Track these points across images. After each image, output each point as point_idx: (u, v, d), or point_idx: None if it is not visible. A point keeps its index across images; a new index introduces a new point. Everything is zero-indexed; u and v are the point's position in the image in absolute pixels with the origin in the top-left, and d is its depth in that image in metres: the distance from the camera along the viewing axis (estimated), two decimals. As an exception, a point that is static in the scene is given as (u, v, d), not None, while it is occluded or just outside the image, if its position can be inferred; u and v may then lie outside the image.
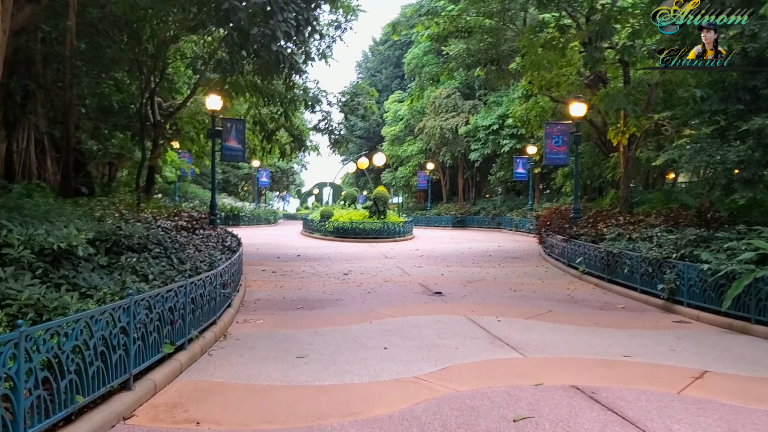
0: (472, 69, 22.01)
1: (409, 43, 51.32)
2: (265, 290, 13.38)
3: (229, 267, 10.27)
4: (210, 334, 8.09)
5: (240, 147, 18.62)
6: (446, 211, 46.15)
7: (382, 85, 59.29)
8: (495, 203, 44.01)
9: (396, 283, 14.70)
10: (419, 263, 19.18)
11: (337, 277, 15.63)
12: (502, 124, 38.71)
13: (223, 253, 11.78)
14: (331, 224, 29.99)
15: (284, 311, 10.95)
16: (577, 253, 16.62)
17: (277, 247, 24.36)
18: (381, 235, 29.07)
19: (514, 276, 16.53)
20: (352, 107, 21.04)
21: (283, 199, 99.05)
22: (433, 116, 44.58)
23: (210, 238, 12.90)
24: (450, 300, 12.36)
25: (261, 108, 21.83)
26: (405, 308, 11.28)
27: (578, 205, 19.86)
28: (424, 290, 13.62)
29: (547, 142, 19.52)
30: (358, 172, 61.04)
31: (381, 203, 30.49)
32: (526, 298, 12.74)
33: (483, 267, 18.52)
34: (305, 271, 16.92)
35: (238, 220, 40.74)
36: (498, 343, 8.40)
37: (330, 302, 11.94)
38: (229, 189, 56.60)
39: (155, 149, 21.59)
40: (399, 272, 16.89)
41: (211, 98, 17.90)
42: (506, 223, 38.80)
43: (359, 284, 14.41)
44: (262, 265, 18.18)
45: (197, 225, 13.34)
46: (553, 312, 11.17)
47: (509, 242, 29.11)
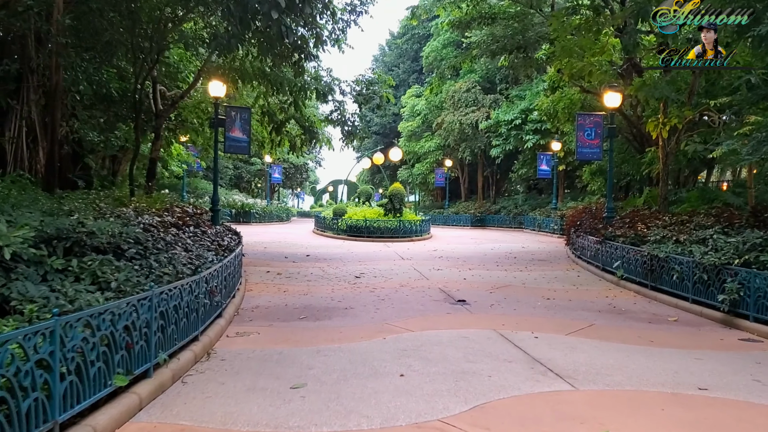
0: (496, 56, 20.42)
1: (428, 36, 49.78)
2: (267, 295, 11.92)
3: (220, 271, 8.82)
4: (188, 355, 6.63)
5: (245, 138, 17.19)
6: (465, 210, 44.49)
7: (400, 80, 57.70)
8: (516, 202, 42.27)
9: (413, 288, 13.19)
10: (438, 265, 17.66)
11: (347, 281, 14.15)
12: (525, 118, 36.98)
13: (217, 253, 10.35)
14: (343, 222, 28.49)
15: (285, 322, 9.48)
16: (614, 256, 15.01)
17: (286, 246, 22.94)
18: (396, 235, 27.53)
19: (544, 281, 14.96)
20: (366, 97, 19.53)
21: (298, 197, 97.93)
22: (451, 111, 42.92)
23: (205, 236, 11.47)
24: (476, 310, 10.84)
25: (270, 97, 20.39)
26: (424, 320, 9.77)
27: (612, 203, 18.20)
28: (445, 297, 12.09)
29: (578, 135, 17.91)
30: (374, 168, 59.52)
31: (397, 200, 28.95)
32: (563, 308, 11.19)
33: (508, 270, 16.95)
34: (313, 273, 15.46)
35: (248, 217, 39.44)
36: (539, 369, 6.87)
37: (338, 311, 10.46)
38: (241, 185, 55.39)
39: (157, 141, 20.25)
40: (416, 275, 15.38)
41: (213, 84, 16.48)
42: (528, 222, 37.08)
43: (372, 289, 12.91)
44: (268, 265, 16.76)
45: (191, 221, 11.92)
46: (597, 326, 9.63)
47: (533, 243, 27.47)
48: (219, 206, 16.79)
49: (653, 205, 20.38)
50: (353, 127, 19.86)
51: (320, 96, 19.57)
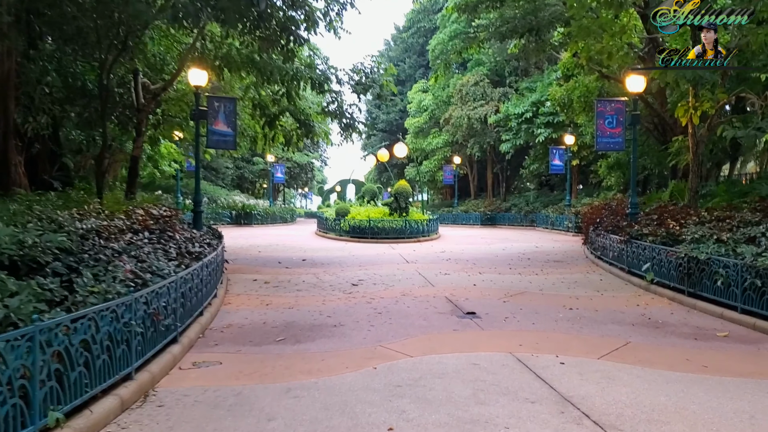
0: (506, 40, 18.72)
1: (434, 29, 48.14)
2: (245, 310, 10.33)
3: (174, 287, 7.22)
4: (108, 404, 5.04)
5: (230, 131, 15.57)
6: (474, 208, 42.71)
7: (406, 75, 56.09)
8: (527, 199, 40.47)
9: (416, 297, 11.55)
10: (446, 269, 16.01)
11: (343, 290, 12.54)
12: (536, 111, 35.21)
13: (180, 263, 8.75)
14: (346, 223, 26.83)
15: (258, 346, 7.88)
16: (643, 257, 13.33)
17: (282, 250, 21.35)
18: (402, 235, 25.86)
19: (564, 286, 13.30)
20: (365, 86, 17.89)
21: (306, 197, 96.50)
22: (459, 105, 41.19)
23: (171, 243, 9.88)
24: (488, 324, 9.21)
25: (260, 88, 18.82)
26: (427, 340, 8.16)
27: (636, 198, 16.49)
28: (452, 309, 10.45)
29: (598, 124, 16.20)
30: (381, 167, 57.86)
31: (402, 199, 27.28)
32: (589, 321, 9.55)
33: (523, 274, 15.29)
34: (306, 280, 13.85)
35: (250, 218, 37.87)
36: (572, 413, 5.25)
37: (325, 329, 8.85)
38: (244, 186, 53.85)
39: (138, 137, 18.76)
40: (421, 282, 13.75)
41: (194, 72, 14.91)
42: (541, 220, 35.30)
43: (369, 300, 11.28)
44: (257, 272, 15.18)
45: (156, 225, 10.34)
46: (634, 344, 8.01)
47: (547, 242, 25.74)
48: (202, 207, 15.21)
49: (679, 199, 18.67)
50: (351, 119, 18.20)
51: (315, 86, 17.95)
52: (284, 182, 53.97)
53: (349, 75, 18.25)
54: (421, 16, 54.66)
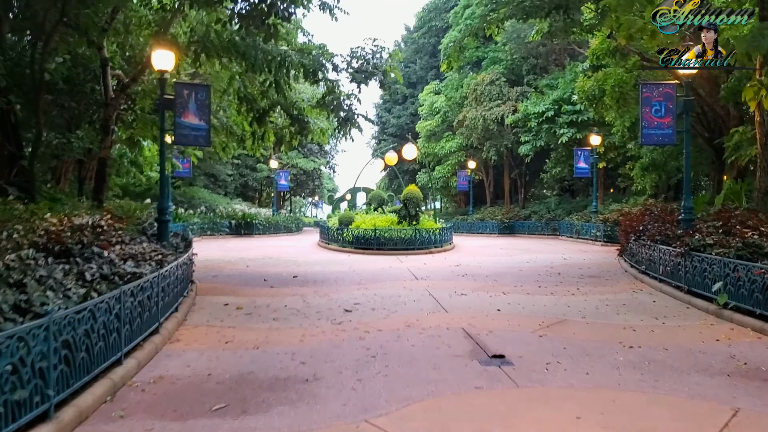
0: (530, 17, 16.09)
1: (446, 28, 45.58)
2: (194, 351, 7.69)
3: (34, 337, 4.60)
4: None
5: (202, 124, 12.90)
6: (491, 216, 39.82)
7: (417, 77, 53.46)
8: (548, 206, 37.51)
9: (424, 330, 8.86)
10: (462, 288, 13.29)
11: (332, 318, 9.87)
12: (558, 110, 32.37)
13: (86, 297, 6.12)
14: (349, 233, 24.06)
15: (181, 420, 5.24)
16: (709, 274, 10.60)
17: (274, 264, 18.70)
18: (412, 246, 23.08)
19: (611, 311, 10.59)
20: (367, 73, 15.27)
21: (316, 206, 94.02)
22: (474, 106, 38.44)
23: (92, 262, 7.30)
24: (524, 375, 6.54)
25: (245, 78, 16.27)
26: (436, 408, 5.51)
27: (691, 202, 13.70)
28: (472, 349, 7.75)
29: (643, 112, 13.47)
30: (391, 174, 55.17)
31: (412, 205, 24.50)
32: (663, 368, 6.89)
33: (556, 294, 12.56)
34: (289, 305, 11.19)
35: (250, 228, 35.28)
36: None
37: (292, 387, 6.19)
38: (247, 194, 51.31)
39: (106, 136, 16.29)
40: (431, 306, 11.05)
41: (158, 54, 12.37)
42: (565, 228, 32.39)
43: (362, 334, 8.61)
44: (234, 293, 12.56)
45: (74, 240, 7.73)
46: (747, 414, 5.35)
47: (575, 253, 22.94)
48: (168, 215, 12.60)
49: (738, 202, 15.87)
50: (350, 111, 15.54)
51: (308, 74, 15.37)
52: (289, 189, 51.32)
53: (347, 61, 15.64)
54: (433, 15, 52.06)
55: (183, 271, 10.51)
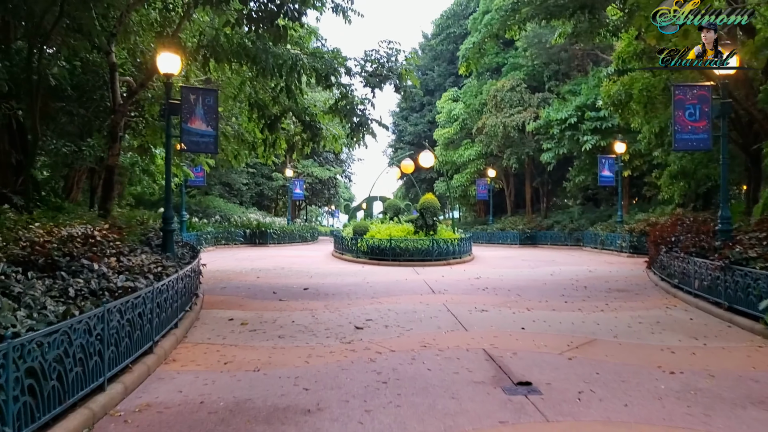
0: (553, 17, 15.33)
1: (464, 35, 44.83)
2: (190, 373, 7.03)
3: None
4: None
5: (209, 130, 12.28)
6: (512, 226, 38.88)
7: (435, 84, 52.73)
8: (572, 215, 36.47)
9: (442, 351, 8.11)
10: (482, 303, 12.52)
11: (341, 336, 9.16)
12: (581, 116, 31.43)
13: (65, 315, 5.49)
14: (364, 243, 23.33)
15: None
16: (755, 290, 9.75)
17: (286, 275, 18.05)
18: (429, 257, 22.29)
19: (645, 330, 9.79)
20: (381, 77, 14.60)
21: (332, 215, 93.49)
22: (494, 113, 37.61)
23: (80, 275, 6.70)
24: (554, 407, 5.79)
25: (256, 83, 15.69)
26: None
27: (728, 211, 12.81)
28: (494, 374, 7.00)
29: (676, 115, 12.63)
30: (408, 182, 54.41)
31: (429, 215, 23.72)
32: (713, 399, 6.12)
33: (584, 310, 11.75)
34: (297, 320, 10.51)
35: (265, 238, 34.72)
36: None
37: (291, 420, 5.49)
38: (263, 203, 50.82)
39: (114, 143, 15.75)
40: (449, 323, 10.30)
41: (164, 57, 11.82)
42: (589, 239, 31.39)
43: (373, 355, 7.89)
44: (241, 306, 11.92)
45: (63, 252, 7.11)
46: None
47: (600, 265, 22.03)
48: (174, 224, 12.01)
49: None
50: (363, 116, 14.85)
51: (320, 79, 14.75)
52: (304, 198, 50.74)
53: (360, 64, 14.99)
54: (451, 22, 51.37)
55: (186, 284, 9.88)
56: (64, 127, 17.63)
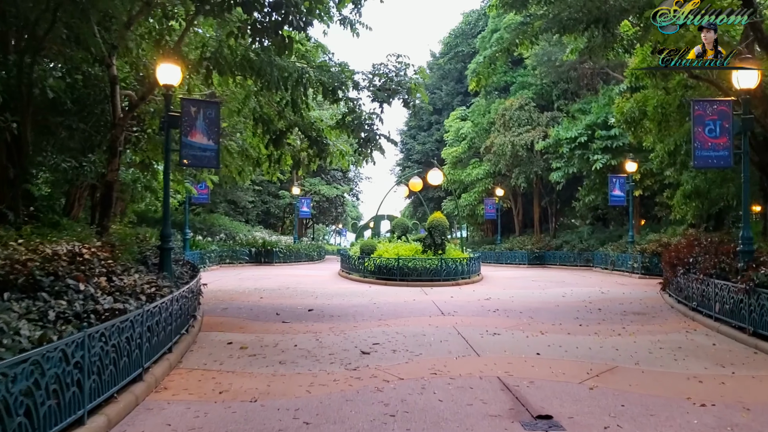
0: (566, 31, 14.90)
1: (473, 53, 44.69)
2: (181, 403, 6.51)
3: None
4: None
5: (211, 144, 11.81)
6: (520, 245, 38.28)
7: (443, 103, 52.44)
8: (581, 235, 35.85)
9: (453, 380, 7.55)
10: (494, 325, 11.96)
11: (346, 362, 8.61)
12: (591, 135, 30.95)
13: (47, 335, 4.99)
14: (371, 262, 22.80)
15: None
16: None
17: (290, 295, 17.53)
18: (437, 277, 21.73)
19: (668, 356, 9.22)
20: (389, 91, 14.17)
21: (340, 234, 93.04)
22: (502, 132, 37.18)
23: (62, 298, 6.21)
24: (581, 451, 5.21)
25: (261, 97, 15.29)
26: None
27: (750, 231, 12.24)
28: (511, 406, 6.45)
29: (696, 132, 12.13)
30: (416, 201, 53.93)
31: (438, 233, 23.20)
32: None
33: (600, 334, 11.18)
34: (299, 344, 9.97)
35: (271, 256, 34.22)
36: None
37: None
38: (269, 222, 50.35)
39: (113, 158, 15.32)
40: (460, 347, 9.74)
41: (163, 68, 11.43)
42: (599, 259, 30.77)
43: (380, 384, 7.34)
44: (242, 328, 11.41)
45: (45, 271, 6.62)
46: None
47: (612, 286, 21.43)
48: (171, 243, 11.53)
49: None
50: (371, 131, 14.40)
51: (327, 92, 14.34)
52: (311, 217, 50.27)
53: (368, 78, 14.58)
54: (459, 41, 51.18)
55: (181, 306, 9.38)
56: (63, 142, 17.29)
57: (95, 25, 12.58)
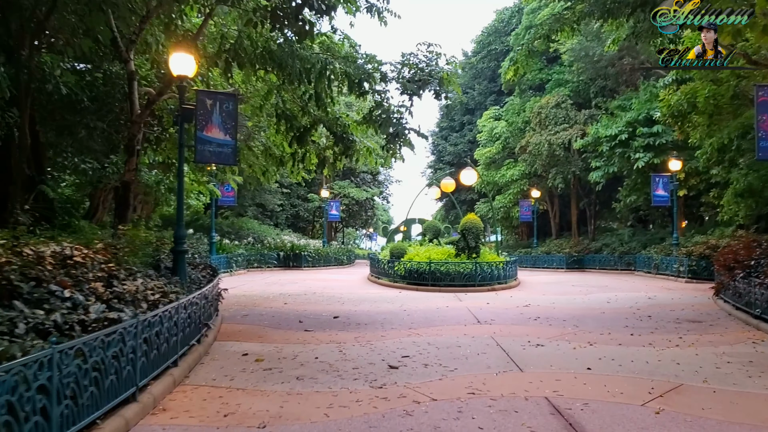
0: (610, 16, 13.76)
1: (506, 51, 43.49)
2: (178, 428, 5.60)
3: None
4: None
5: (228, 139, 10.96)
6: (557, 249, 36.88)
7: (475, 103, 51.27)
8: (622, 238, 34.31)
9: (494, 402, 6.52)
10: (536, 335, 10.87)
11: (371, 378, 7.64)
12: (632, 132, 29.49)
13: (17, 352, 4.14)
14: (401, 266, 21.77)
15: None
16: None
17: (315, 301, 16.63)
18: (472, 282, 20.60)
19: (739, 372, 8.05)
20: (420, 82, 13.19)
21: (371, 238, 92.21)
22: (538, 131, 35.89)
23: (43, 304, 5.36)
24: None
25: (285, 93, 14.45)
26: None
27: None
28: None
29: (759, 120, 10.95)
30: (448, 204, 52.82)
31: (471, 236, 22.06)
32: None
33: (656, 345, 10.02)
34: (321, 356, 9.03)
35: (299, 260, 33.42)
36: None
37: None
38: (299, 225, 49.65)
39: (131, 157, 14.65)
40: (500, 362, 8.68)
41: (176, 57, 10.64)
42: (642, 263, 29.30)
43: (409, 406, 6.35)
44: (261, 337, 10.53)
45: (28, 279, 5.80)
46: None
47: (658, 291, 20.11)
48: (185, 245, 10.71)
49: None
50: (399, 125, 13.41)
51: (353, 85, 13.43)
52: (340, 220, 49.46)
53: (396, 69, 13.62)
54: (492, 39, 49.96)
55: (191, 313, 8.51)
56: (83, 142, 16.71)
57: (111, 16, 11.93)
